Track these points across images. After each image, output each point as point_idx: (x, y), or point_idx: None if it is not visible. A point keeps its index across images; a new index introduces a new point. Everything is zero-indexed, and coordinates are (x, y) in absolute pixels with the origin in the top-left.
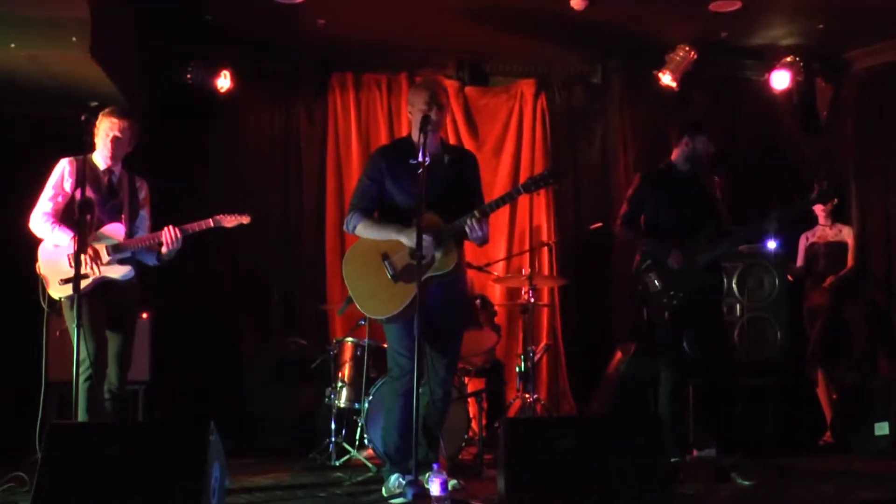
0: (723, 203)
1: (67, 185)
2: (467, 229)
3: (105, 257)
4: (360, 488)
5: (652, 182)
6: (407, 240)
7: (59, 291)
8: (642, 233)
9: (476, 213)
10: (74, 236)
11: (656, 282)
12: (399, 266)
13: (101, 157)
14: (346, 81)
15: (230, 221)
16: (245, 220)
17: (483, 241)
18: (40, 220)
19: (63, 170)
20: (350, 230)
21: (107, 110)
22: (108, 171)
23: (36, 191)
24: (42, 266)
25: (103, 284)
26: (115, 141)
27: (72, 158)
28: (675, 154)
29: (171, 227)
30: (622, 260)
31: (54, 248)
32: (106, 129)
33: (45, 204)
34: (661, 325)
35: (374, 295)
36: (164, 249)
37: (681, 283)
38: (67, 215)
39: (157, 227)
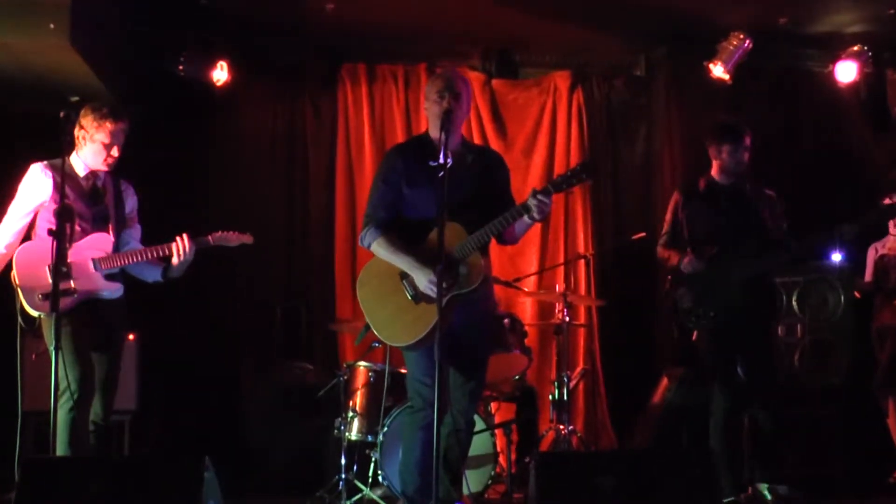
0: (777, 218)
1: (39, 197)
2: (519, 224)
3: (92, 272)
4: None
5: (686, 197)
6: (418, 282)
7: (38, 308)
8: (680, 247)
9: (522, 206)
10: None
11: (686, 298)
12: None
13: (82, 162)
14: (358, 73)
15: (232, 240)
16: (247, 239)
17: (515, 239)
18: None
19: (38, 176)
20: (365, 246)
21: (103, 111)
22: (92, 174)
23: (8, 195)
24: (19, 277)
25: (89, 302)
26: (120, 148)
27: (46, 163)
28: (714, 166)
29: (183, 236)
30: (667, 274)
31: (36, 257)
32: (108, 136)
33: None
34: (702, 348)
35: (394, 320)
36: (174, 261)
37: (713, 301)
38: (40, 228)
39: (145, 239)
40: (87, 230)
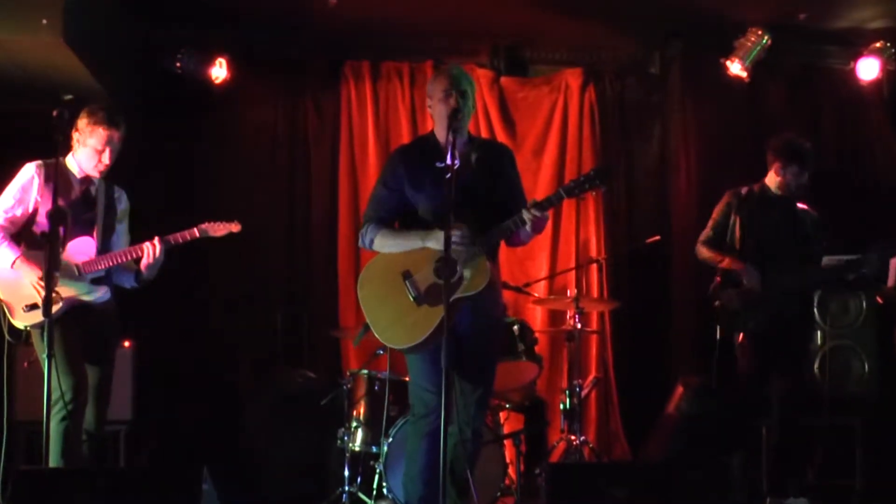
0: (822, 237)
1: (32, 196)
2: (523, 231)
3: (74, 275)
4: None
5: (738, 202)
6: (435, 244)
7: (24, 320)
8: (725, 249)
9: (519, 217)
10: (21, 255)
11: (734, 301)
12: (423, 286)
13: (77, 164)
14: (362, 70)
15: (218, 230)
16: (235, 227)
17: (523, 242)
18: None
19: (30, 175)
20: (366, 245)
21: (99, 115)
22: (87, 179)
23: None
24: (1, 292)
25: (77, 309)
26: (112, 155)
27: (40, 162)
28: (769, 176)
29: (154, 239)
30: (683, 279)
31: (11, 268)
32: (100, 141)
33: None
34: (739, 352)
35: (395, 321)
36: (143, 263)
37: (760, 307)
38: (26, 232)
39: (142, 236)
40: (71, 234)
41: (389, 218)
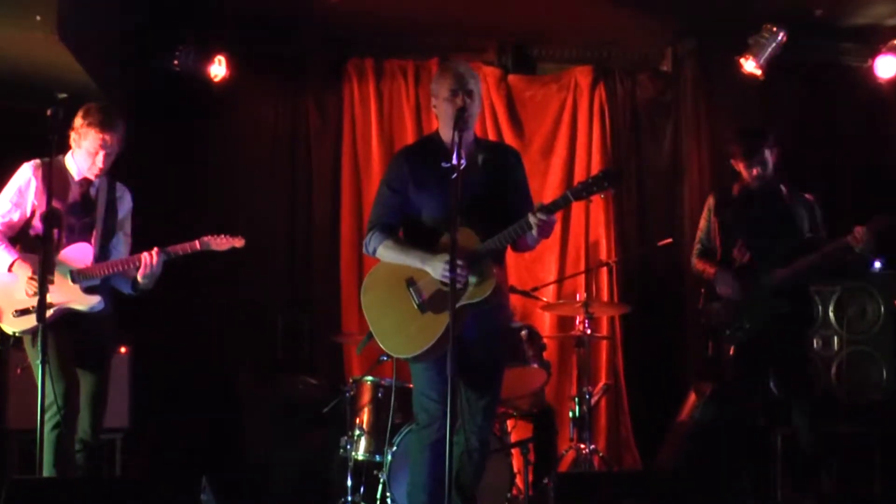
0: (815, 224)
1: (29, 198)
2: (530, 236)
3: (70, 284)
4: None
5: (719, 202)
6: (433, 270)
7: (13, 325)
8: (715, 262)
9: (525, 222)
10: (19, 257)
11: (720, 313)
12: (426, 294)
13: (76, 166)
14: (365, 68)
15: (221, 244)
16: (238, 243)
17: (530, 247)
18: None
19: (27, 176)
20: (370, 253)
21: (93, 116)
22: (86, 180)
23: None
24: None
25: (71, 315)
26: (107, 158)
27: (38, 162)
28: None
29: (152, 250)
30: (696, 282)
31: (7, 271)
32: (93, 144)
33: None
34: (729, 362)
35: (399, 329)
36: (139, 274)
37: (747, 313)
38: (22, 235)
39: (136, 245)
40: (68, 239)
41: (394, 223)
